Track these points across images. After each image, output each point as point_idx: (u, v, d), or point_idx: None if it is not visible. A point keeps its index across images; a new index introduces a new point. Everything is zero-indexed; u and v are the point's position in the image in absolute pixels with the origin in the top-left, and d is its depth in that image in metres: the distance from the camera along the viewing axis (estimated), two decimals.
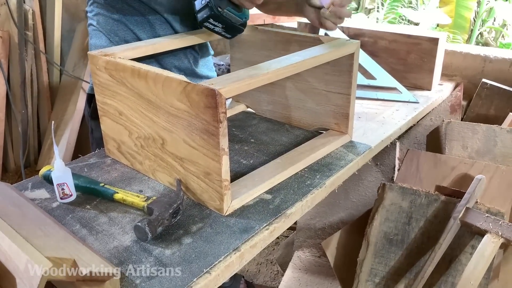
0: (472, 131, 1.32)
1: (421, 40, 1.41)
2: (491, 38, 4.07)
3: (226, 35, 1.06)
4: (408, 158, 1.34)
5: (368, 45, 1.52)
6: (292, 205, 0.82)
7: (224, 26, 1.02)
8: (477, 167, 1.23)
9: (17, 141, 2.67)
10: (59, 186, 0.83)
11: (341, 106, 1.03)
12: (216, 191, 0.78)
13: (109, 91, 0.91)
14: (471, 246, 1.10)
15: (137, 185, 0.90)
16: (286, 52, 0.91)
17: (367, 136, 1.10)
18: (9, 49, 2.56)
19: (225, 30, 1.04)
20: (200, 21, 0.99)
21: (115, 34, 1.09)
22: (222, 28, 1.02)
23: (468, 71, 1.54)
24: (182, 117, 0.77)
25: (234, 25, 1.02)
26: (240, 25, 1.04)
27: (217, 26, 1.01)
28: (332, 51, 0.91)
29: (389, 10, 4.47)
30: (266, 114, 1.22)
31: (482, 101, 1.44)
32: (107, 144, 1.01)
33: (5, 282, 0.57)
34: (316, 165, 0.96)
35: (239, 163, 0.97)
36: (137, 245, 0.72)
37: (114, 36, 1.10)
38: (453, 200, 1.15)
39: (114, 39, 1.10)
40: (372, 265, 1.21)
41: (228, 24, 1.02)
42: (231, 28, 1.03)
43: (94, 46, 1.12)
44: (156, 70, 0.79)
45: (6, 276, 0.56)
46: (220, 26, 1.01)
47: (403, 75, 1.47)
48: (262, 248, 0.76)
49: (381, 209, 1.22)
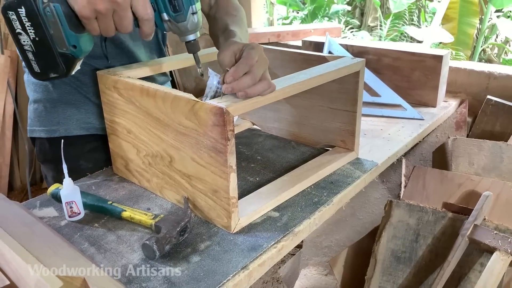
0: (478, 147, 1.32)
1: (425, 58, 1.42)
2: (494, 54, 4.09)
3: (32, 62, 0.71)
4: (415, 175, 1.34)
5: (372, 62, 1.53)
6: (300, 222, 0.82)
7: (35, 38, 0.69)
8: (484, 184, 1.23)
9: (23, 159, 2.69)
10: (67, 204, 0.83)
11: (347, 123, 1.03)
12: (223, 208, 0.78)
13: (118, 110, 0.92)
14: (480, 264, 1.09)
15: (145, 203, 0.90)
16: (292, 70, 0.92)
17: (373, 153, 1.10)
18: (17, 69, 2.60)
19: (33, 48, 0.70)
20: (3, 6, 0.68)
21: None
22: (32, 40, 0.69)
23: (472, 88, 1.54)
24: (190, 135, 0.78)
25: (51, 45, 0.70)
26: (63, 55, 0.71)
27: (26, 32, 0.68)
28: (337, 69, 0.92)
29: (391, 28, 4.51)
30: (272, 131, 1.22)
31: (488, 118, 1.44)
32: (115, 162, 1.02)
33: None
34: (323, 182, 0.96)
35: (246, 180, 0.97)
36: (145, 264, 0.72)
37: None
38: (461, 217, 1.14)
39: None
40: (380, 283, 1.20)
41: (43, 38, 0.69)
42: (45, 48, 0.70)
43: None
44: (164, 89, 0.81)
45: None
46: (31, 33, 0.68)
47: (408, 92, 1.47)
48: (270, 266, 0.76)
49: (388, 226, 1.22)
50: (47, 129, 1.04)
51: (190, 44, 0.81)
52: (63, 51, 0.71)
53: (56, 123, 1.03)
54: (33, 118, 1.06)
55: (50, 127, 1.04)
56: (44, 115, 1.04)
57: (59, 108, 1.03)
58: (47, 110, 1.04)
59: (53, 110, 1.03)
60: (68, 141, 0.99)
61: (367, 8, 5.16)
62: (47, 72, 0.73)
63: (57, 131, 1.03)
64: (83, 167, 1.04)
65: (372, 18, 5.03)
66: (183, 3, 0.75)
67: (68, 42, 0.71)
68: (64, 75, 0.74)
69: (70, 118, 1.03)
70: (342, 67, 0.93)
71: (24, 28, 0.68)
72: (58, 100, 1.03)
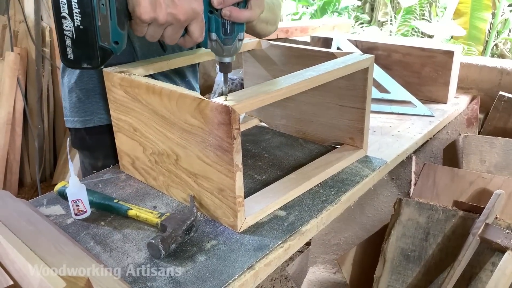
0: (490, 144, 1.29)
1: (436, 53, 1.40)
2: (506, 49, 4.02)
3: (68, 48, 0.69)
4: (425, 172, 1.32)
5: (382, 58, 1.51)
6: (307, 222, 0.81)
7: (80, 26, 0.67)
8: (496, 182, 1.21)
9: (33, 156, 2.71)
10: (73, 203, 0.83)
11: (355, 120, 1.02)
12: (229, 207, 0.77)
13: (124, 107, 0.92)
14: (491, 263, 1.07)
15: (151, 201, 0.90)
16: (300, 67, 0.91)
17: (383, 150, 1.09)
18: (26, 66, 2.62)
19: (74, 35, 0.68)
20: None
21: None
22: (76, 28, 0.67)
23: (484, 83, 1.52)
24: (196, 133, 0.77)
25: (94, 37, 0.69)
26: (102, 48, 0.70)
27: (71, 18, 0.66)
28: (346, 65, 0.90)
29: (402, 23, 4.46)
30: (280, 128, 1.21)
31: (500, 114, 1.41)
32: (121, 159, 1.02)
33: None
34: (331, 180, 0.95)
35: (253, 179, 0.96)
36: (150, 263, 0.72)
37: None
38: (472, 215, 1.12)
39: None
40: (389, 282, 1.18)
41: (88, 28, 0.68)
42: (87, 38, 0.69)
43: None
44: (170, 87, 0.80)
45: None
46: (77, 20, 0.67)
47: (418, 88, 1.45)
48: (276, 266, 0.75)
49: (398, 224, 1.20)
50: (82, 119, 1.06)
51: (224, 65, 0.81)
52: (105, 45, 0.70)
53: (90, 113, 1.06)
54: (68, 109, 1.09)
55: (85, 117, 1.06)
56: (78, 106, 1.06)
57: (92, 98, 1.05)
58: (80, 100, 1.06)
59: (87, 100, 1.06)
60: (103, 129, 1.05)
61: (377, 3, 5.11)
62: (81, 62, 0.71)
63: (91, 121, 1.06)
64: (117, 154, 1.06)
65: (382, 13, 4.97)
66: (234, 29, 0.76)
67: (112, 37, 0.70)
68: (96, 67, 0.73)
69: (104, 107, 1.05)
70: (350, 64, 0.91)
71: (71, 13, 0.67)
72: (93, 90, 1.05)
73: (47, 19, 2.62)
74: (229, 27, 0.75)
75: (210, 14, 0.75)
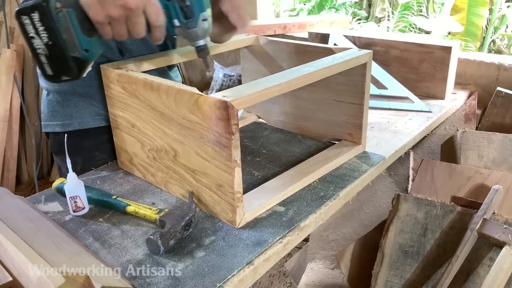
0: (487, 140, 1.29)
1: (434, 49, 1.40)
2: (503, 45, 4.03)
3: (44, 65, 0.71)
4: (423, 168, 1.32)
5: (380, 54, 1.51)
6: (306, 217, 0.81)
7: (48, 42, 0.69)
8: (494, 177, 1.21)
9: (30, 153, 2.70)
10: (72, 199, 0.83)
11: (354, 116, 1.02)
12: (228, 203, 0.77)
13: (122, 104, 0.92)
14: (489, 258, 1.07)
15: (150, 197, 0.90)
16: (298, 62, 0.91)
17: (381, 146, 1.09)
18: (23, 63, 2.61)
19: (46, 52, 0.70)
20: (17, 10, 0.67)
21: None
22: (46, 44, 0.69)
23: (482, 79, 1.52)
24: (194, 129, 0.77)
25: (64, 49, 0.70)
26: (75, 58, 0.72)
27: (39, 36, 0.68)
28: (344, 61, 0.90)
29: (399, 19, 4.46)
30: (278, 124, 1.21)
31: (497, 110, 1.42)
32: (119, 156, 1.01)
33: None
34: (329, 176, 0.95)
35: (251, 175, 0.96)
36: (149, 259, 0.72)
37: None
38: (470, 211, 1.13)
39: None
40: (387, 278, 1.19)
41: (56, 42, 0.69)
42: (58, 52, 0.70)
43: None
44: (168, 82, 0.80)
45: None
46: (44, 37, 0.68)
47: (416, 84, 1.45)
48: (275, 261, 0.75)
49: (396, 220, 1.21)
50: (61, 123, 1.04)
51: (200, 49, 0.81)
52: (76, 55, 0.72)
53: (69, 116, 1.03)
54: (47, 113, 1.06)
55: (64, 121, 1.03)
56: (57, 109, 1.04)
57: (71, 101, 1.03)
58: (59, 103, 1.03)
59: (66, 103, 1.03)
60: (83, 133, 1.02)
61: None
62: (60, 75, 0.73)
63: (71, 125, 1.03)
64: (98, 158, 1.05)
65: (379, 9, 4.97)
66: (194, 10, 0.76)
67: (81, 46, 0.71)
68: (76, 77, 0.74)
69: (83, 110, 1.03)
70: (348, 59, 0.91)
71: (37, 32, 0.68)
72: (71, 93, 1.02)
73: None
74: (188, 9, 0.75)
75: (168, 1, 0.75)
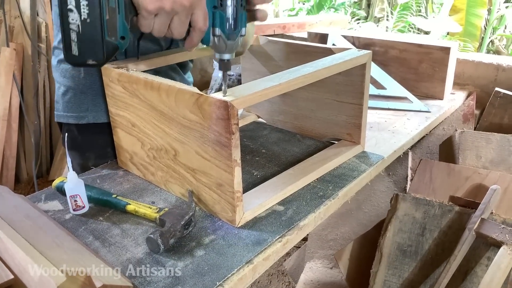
0: (486, 140, 1.30)
1: (433, 49, 1.40)
2: (502, 46, 4.04)
3: (73, 43, 0.67)
4: (421, 168, 1.33)
5: (379, 54, 1.51)
6: (305, 216, 0.82)
7: (86, 19, 0.66)
8: (492, 177, 1.22)
9: (29, 151, 2.70)
10: (72, 198, 0.83)
11: (353, 116, 1.02)
12: (228, 202, 0.78)
13: (122, 103, 0.92)
14: (487, 258, 1.08)
15: (150, 196, 0.90)
16: (297, 62, 0.91)
17: (380, 146, 1.09)
18: (22, 61, 2.60)
19: (80, 29, 0.66)
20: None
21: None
22: (83, 21, 0.66)
23: (480, 80, 1.52)
24: (194, 128, 0.77)
25: (101, 31, 0.67)
26: (108, 43, 0.69)
27: (78, 10, 0.65)
28: (343, 61, 0.91)
29: (398, 19, 4.47)
30: (277, 124, 1.21)
31: (496, 110, 1.42)
32: (119, 155, 1.02)
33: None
34: (328, 176, 0.95)
35: (251, 174, 0.97)
36: (149, 257, 0.72)
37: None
38: (468, 210, 1.13)
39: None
40: (385, 277, 1.19)
41: (95, 21, 0.66)
42: (93, 32, 0.67)
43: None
44: (168, 82, 0.80)
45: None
46: (84, 13, 0.65)
47: (414, 85, 1.46)
48: (275, 260, 0.76)
49: (394, 220, 1.21)
50: (75, 115, 1.03)
51: (225, 63, 0.81)
52: (111, 40, 0.68)
53: (85, 109, 1.03)
54: (61, 103, 1.05)
55: (79, 113, 1.03)
56: (73, 101, 1.03)
57: (88, 95, 1.02)
58: (76, 96, 1.03)
59: (82, 96, 1.02)
60: (97, 128, 1.02)
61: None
62: (86, 57, 0.68)
63: (85, 118, 1.03)
64: (110, 155, 1.05)
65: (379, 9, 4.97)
66: (238, 24, 0.76)
67: (120, 32, 0.69)
68: (101, 64, 0.71)
69: (99, 105, 1.02)
70: (348, 60, 0.92)
71: (78, 6, 0.65)
72: (89, 87, 1.02)
73: (43, 14, 2.60)
74: (234, 22, 0.75)
75: (214, 10, 0.74)
